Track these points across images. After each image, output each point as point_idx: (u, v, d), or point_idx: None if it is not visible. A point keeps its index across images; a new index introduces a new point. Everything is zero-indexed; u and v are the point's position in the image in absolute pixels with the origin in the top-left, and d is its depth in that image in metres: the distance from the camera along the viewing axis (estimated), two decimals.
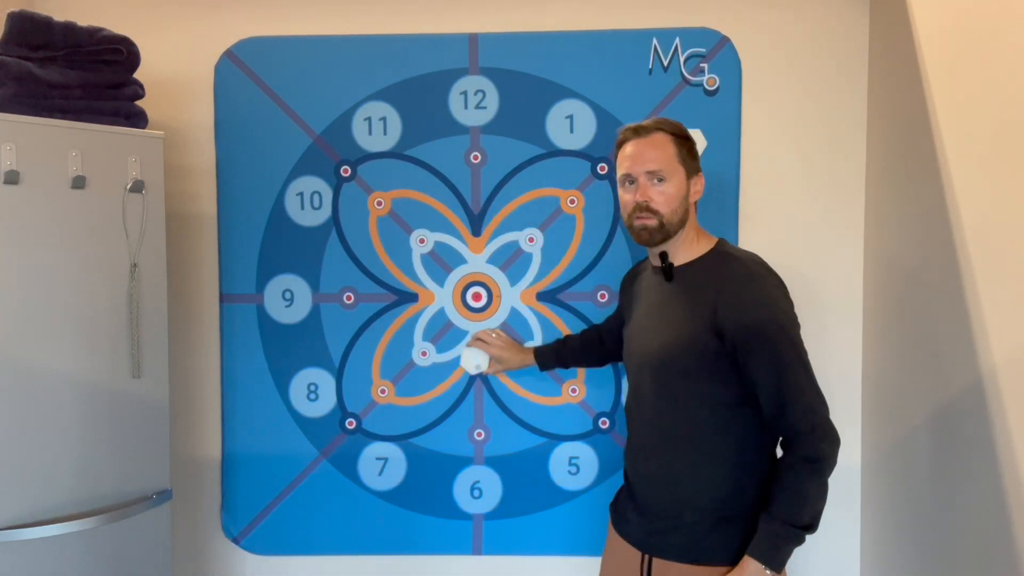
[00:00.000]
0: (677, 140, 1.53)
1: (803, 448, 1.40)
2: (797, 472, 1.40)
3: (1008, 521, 1.41)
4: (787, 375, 1.40)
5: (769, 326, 1.40)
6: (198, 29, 2.19)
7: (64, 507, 1.76)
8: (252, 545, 2.27)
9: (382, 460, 2.23)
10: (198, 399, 2.26)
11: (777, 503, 1.41)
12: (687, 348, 1.46)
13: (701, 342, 1.44)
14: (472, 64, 2.16)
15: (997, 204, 1.45)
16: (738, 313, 1.41)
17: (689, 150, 1.54)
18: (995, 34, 1.45)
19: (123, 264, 1.85)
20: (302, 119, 2.18)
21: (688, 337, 1.46)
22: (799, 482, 1.40)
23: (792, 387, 1.40)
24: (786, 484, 1.41)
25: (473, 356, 2.12)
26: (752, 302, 1.42)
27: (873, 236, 2.09)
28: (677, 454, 1.51)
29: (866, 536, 2.15)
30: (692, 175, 1.55)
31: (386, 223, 2.19)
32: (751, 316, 1.41)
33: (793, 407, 1.40)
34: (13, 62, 1.72)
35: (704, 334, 1.44)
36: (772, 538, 1.40)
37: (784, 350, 1.40)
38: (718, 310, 1.43)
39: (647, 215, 1.50)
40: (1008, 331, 1.42)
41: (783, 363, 1.40)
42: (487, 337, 2.12)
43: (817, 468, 1.40)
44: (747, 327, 1.40)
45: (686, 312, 1.48)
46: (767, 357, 1.40)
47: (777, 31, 2.11)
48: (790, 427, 1.41)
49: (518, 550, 2.24)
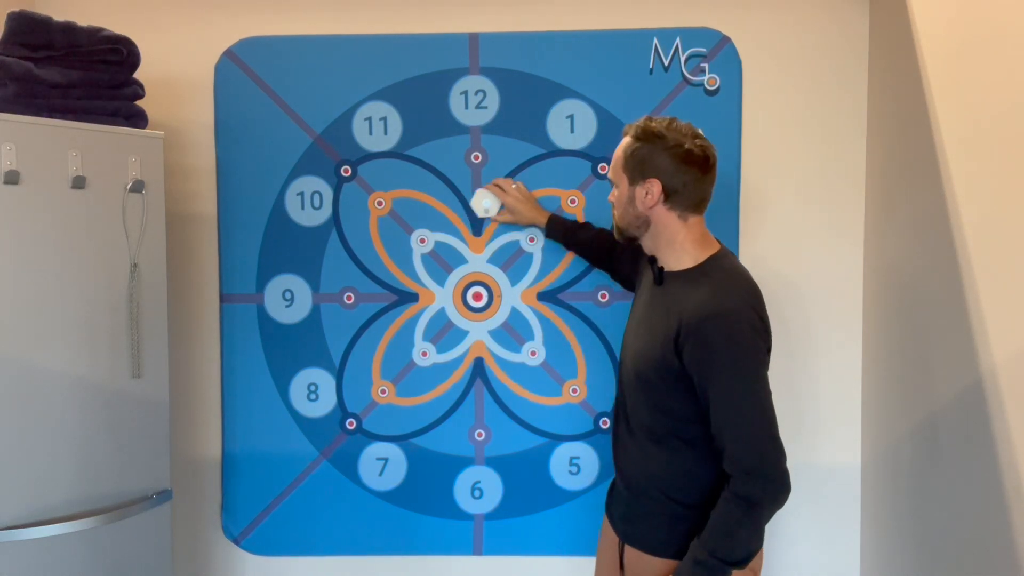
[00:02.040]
0: (631, 146, 1.49)
1: (741, 486, 1.36)
2: (732, 508, 1.37)
3: (1008, 521, 1.41)
4: (737, 410, 1.37)
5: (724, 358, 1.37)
6: (198, 29, 2.19)
7: (64, 507, 1.76)
8: (252, 545, 2.27)
9: (382, 460, 2.23)
10: (198, 399, 2.26)
11: (709, 532, 1.39)
12: (654, 361, 1.47)
13: (665, 359, 1.44)
14: (472, 64, 2.15)
15: (997, 204, 1.45)
16: (694, 340, 1.38)
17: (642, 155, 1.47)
18: (995, 34, 1.45)
19: (123, 264, 1.85)
20: (302, 119, 2.18)
21: (656, 350, 1.46)
22: (732, 519, 1.37)
23: (738, 423, 1.36)
24: (720, 517, 1.38)
25: (484, 198, 2.10)
26: (709, 332, 1.37)
27: (873, 236, 2.09)
28: (642, 450, 1.55)
29: (866, 536, 2.16)
30: (638, 182, 1.48)
31: (387, 223, 2.19)
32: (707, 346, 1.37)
33: (738, 445, 1.36)
34: (13, 62, 1.72)
35: (668, 351, 1.43)
36: (697, 567, 1.39)
37: (736, 385, 1.37)
38: (680, 329, 1.40)
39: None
40: (1008, 332, 1.42)
41: (734, 398, 1.36)
42: (506, 185, 2.10)
43: (751, 509, 1.36)
44: (702, 356, 1.38)
45: (659, 323, 1.47)
46: (720, 389, 1.37)
47: (778, 31, 2.11)
48: (732, 462, 1.38)
49: (518, 550, 2.24)
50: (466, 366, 2.21)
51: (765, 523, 1.38)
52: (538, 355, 2.19)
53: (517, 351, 2.20)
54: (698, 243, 1.51)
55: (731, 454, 1.37)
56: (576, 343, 2.19)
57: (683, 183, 1.46)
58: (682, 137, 1.47)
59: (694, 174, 1.47)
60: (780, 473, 1.36)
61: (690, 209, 1.49)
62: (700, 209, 1.51)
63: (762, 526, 1.38)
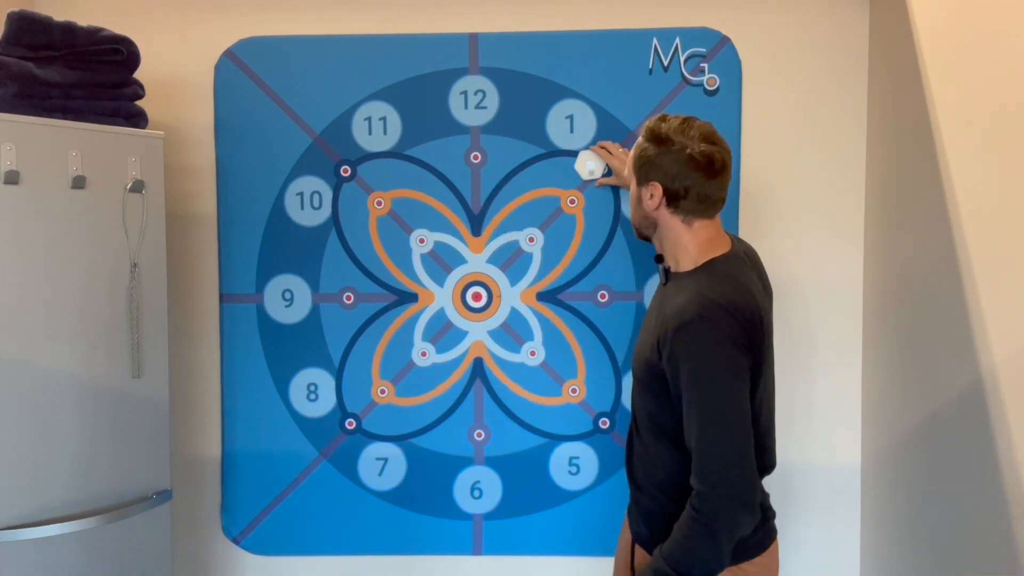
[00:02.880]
0: (640, 147, 1.48)
1: (702, 500, 1.32)
2: (691, 522, 1.34)
3: (1008, 521, 1.41)
4: (699, 419, 1.33)
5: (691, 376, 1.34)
6: (198, 29, 2.19)
7: (64, 507, 1.76)
8: (252, 545, 2.27)
9: (382, 460, 2.23)
10: (198, 399, 2.26)
11: (670, 542, 1.37)
12: (645, 363, 1.47)
13: (652, 362, 1.43)
14: (472, 64, 2.16)
15: (997, 204, 1.45)
16: (667, 344, 1.37)
17: (647, 157, 1.46)
18: (995, 34, 1.45)
19: (123, 264, 1.85)
20: (302, 119, 2.18)
21: (646, 353, 1.46)
22: (690, 532, 1.33)
23: (701, 436, 1.33)
24: (680, 528, 1.36)
25: (589, 160, 2.11)
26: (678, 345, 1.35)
27: (873, 236, 2.09)
28: (644, 447, 1.55)
29: (866, 536, 2.15)
30: (643, 183, 1.48)
31: (386, 223, 2.19)
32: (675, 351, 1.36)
33: (701, 459, 1.33)
34: (13, 62, 1.72)
35: (654, 354, 1.42)
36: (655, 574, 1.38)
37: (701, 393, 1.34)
38: (660, 338, 1.40)
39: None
40: (1008, 331, 1.42)
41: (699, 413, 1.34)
42: (613, 148, 2.08)
43: (707, 526, 1.31)
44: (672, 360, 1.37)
45: (652, 326, 1.47)
46: (689, 402, 1.35)
47: (777, 31, 2.11)
48: (695, 475, 1.34)
49: (518, 550, 2.24)
50: (465, 366, 2.21)
51: (725, 543, 1.31)
52: (538, 355, 2.20)
53: (516, 351, 2.20)
54: (702, 247, 1.47)
55: (695, 467, 1.34)
56: (576, 343, 2.19)
57: (685, 188, 1.43)
58: (688, 141, 1.42)
59: (697, 179, 1.42)
60: (737, 495, 1.30)
61: (695, 213, 1.45)
62: (707, 214, 1.46)
63: (721, 545, 1.31)
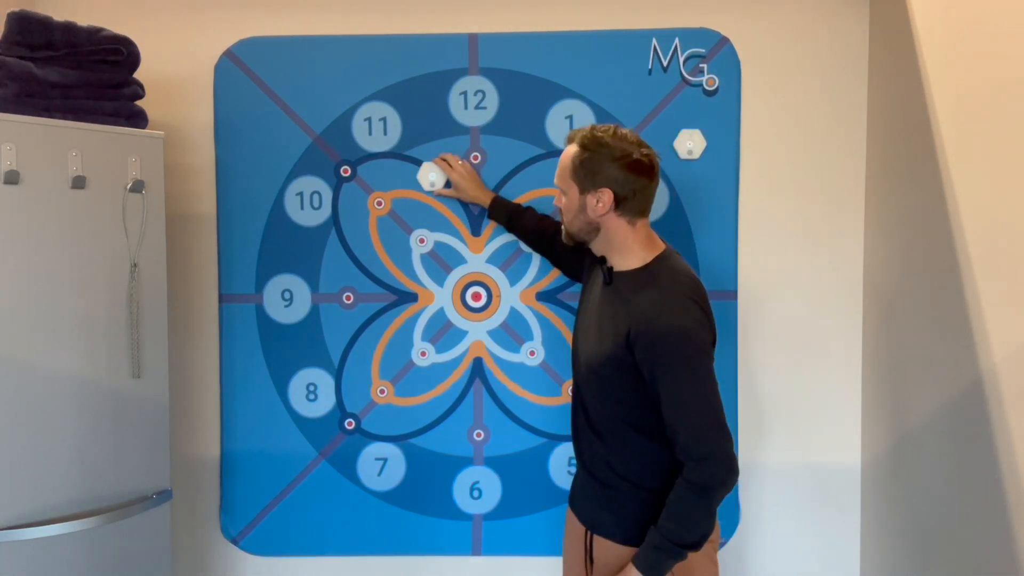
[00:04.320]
0: (580, 155, 1.52)
1: (693, 473, 1.43)
2: (686, 495, 1.44)
3: (1008, 521, 1.41)
4: (686, 402, 1.43)
5: (672, 357, 1.43)
6: (198, 29, 2.19)
7: (64, 507, 1.76)
8: (251, 545, 2.27)
9: (381, 460, 2.23)
10: (198, 399, 2.26)
11: (665, 519, 1.45)
12: (607, 357, 1.52)
13: (618, 355, 1.49)
14: (472, 64, 2.16)
15: (997, 204, 1.45)
16: (646, 338, 1.44)
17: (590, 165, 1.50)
18: (995, 34, 1.45)
19: (123, 264, 1.86)
20: (302, 119, 2.18)
21: (608, 347, 1.52)
22: (686, 505, 1.44)
23: (687, 414, 1.43)
24: (675, 504, 1.45)
25: (431, 172, 2.14)
26: (658, 329, 1.44)
27: (872, 236, 2.09)
28: (602, 441, 1.60)
29: (866, 536, 2.15)
30: (588, 191, 1.52)
31: (386, 223, 2.19)
32: (657, 344, 1.44)
33: (688, 432, 1.43)
34: (13, 62, 1.72)
35: (620, 348, 1.49)
36: (655, 551, 1.46)
37: (684, 378, 1.43)
38: (631, 327, 1.46)
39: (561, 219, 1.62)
40: (1007, 331, 1.42)
41: (683, 390, 1.43)
42: (452, 161, 2.12)
43: (704, 494, 1.43)
44: (653, 352, 1.44)
45: (610, 322, 1.53)
46: (669, 382, 1.43)
47: (777, 31, 2.11)
48: (683, 450, 1.44)
49: (518, 550, 2.24)
50: (465, 366, 2.21)
51: (717, 506, 1.45)
52: (537, 355, 2.20)
53: (516, 351, 2.20)
54: (644, 244, 1.56)
55: (683, 444, 1.43)
56: None
57: (632, 191, 1.51)
58: (630, 146, 1.51)
59: (643, 183, 1.52)
60: (728, 459, 1.43)
61: (638, 214, 1.54)
62: (646, 213, 1.56)
63: (714, 509, 1.45)
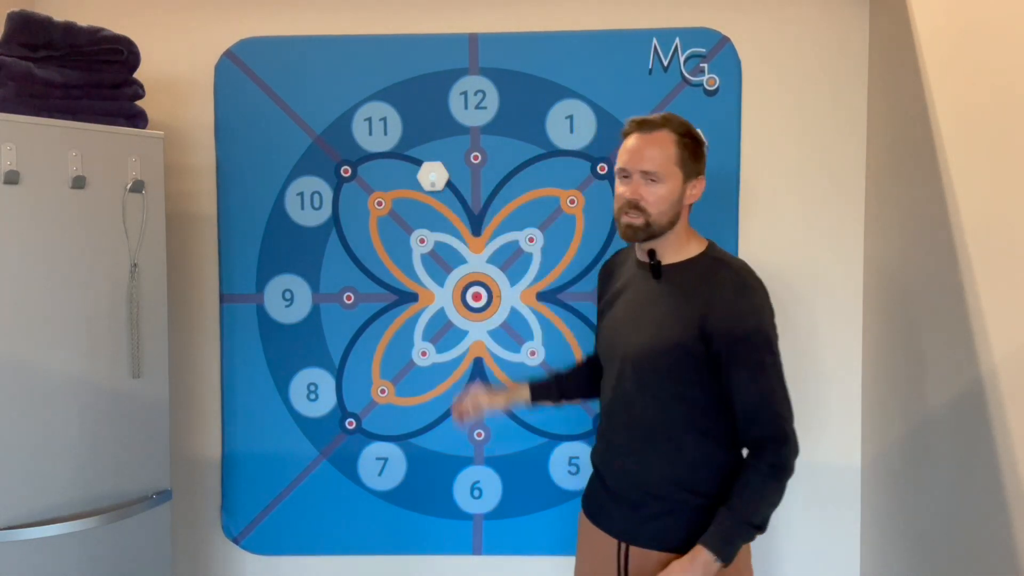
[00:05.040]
0: (681, 141, 1.49)
1: (771, 455, 1.45)
2: (763, 476, 1.45)
3: (1008, 521, 1.41)
4: (767, 385, 1.45)
5: (757, 337, 1.45)
6: (198, 29, 2.19)
7: (64, 507, 1.76)
8: (252, 545, 2.27)
9: (382, 460, 2.23)
10: (198, 399, 2.26)
11: (739, 500, 1.45)
12: (671, 349, 1.47)
13: (686, 345, 1.46)
14: (472, 64, 2.16)
15: (996, 203, 1.45)
16: (729, 322, 1.44)
17: (693, 152, 1.50)
18: (995, 34, 1.45)
19: (123, 264, 1.85)
20: (302, 119, 2.18)
21: (674, 338, 1.47)
22: (763, 485, 1.45)
23: (769, 397, 1.45)
24: (750, 485, 1.45)
25: (431, 171, 2.13)
26: (743, 312, 1.45)
27: (873, 236, 2.09)
28: (652, 447, 1.54)
29: (866, 536, 2.15)
30: (691, 178, 1.51)
31: (386, 223, 2.19)
32: (741, 326, 1.44)
33: (767, 415, 1.45)
34: (13, 62, 1.72)
35: (690, 338, 1.46)
36: (728, 532, 1.44)
37: (767, 361, 1.45)
38: (709, 317, 1.44)
39: (635, 213, 1.50)
40: (1007, 331, 1.42)
41: (765, 374, 1.45)
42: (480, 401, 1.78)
43: (781, 475, 1.45)
44: (736, 336, 1.43)
45: (673, 313, 1.49)
46: (751, 366, 1.44)
47: (777, 31, 2.11)
48: (761, 433, 1.45)
49: (518, 550, 2.24)
50: (465, 366, 2.21)
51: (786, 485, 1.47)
52: (537, 355, 2.20)
53: (516, 351, 2.20)
54: (691, 235, 1.57)
55: (764, 427, 1.45)
56: (575, 343, 2.19)
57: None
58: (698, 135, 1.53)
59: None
60: (796, 438, 1.47)
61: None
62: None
63: (785, 489, 1.47)
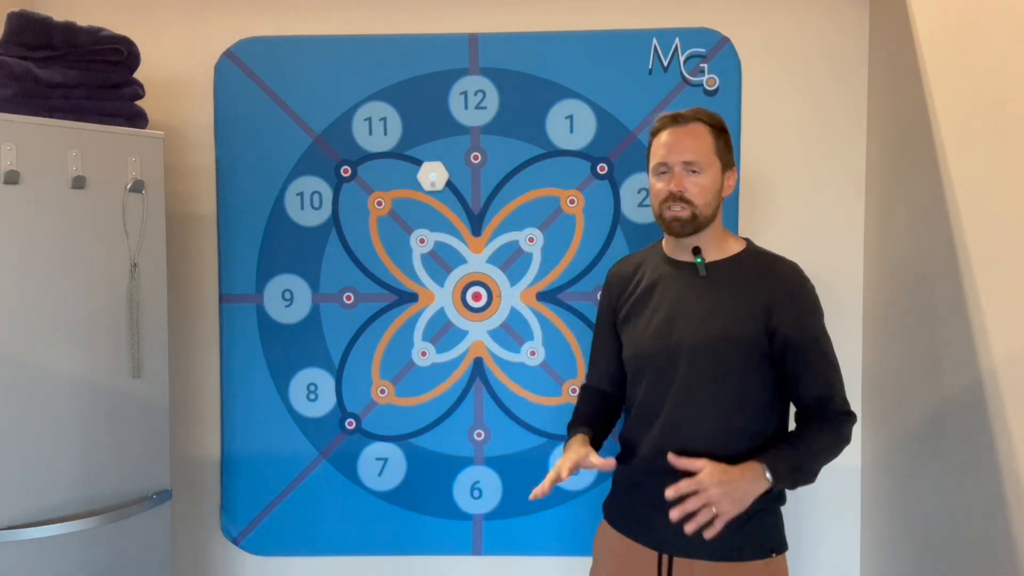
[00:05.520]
0: (715, 132, 1.51)
1: (846, 427, 1.50)
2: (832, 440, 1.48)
3: (1008, 521, 1.41)
4: (832, 366, 1.52)
5: (821, 330, 1.52)
6: (198, 29, 2.19)
7: (64, 507, 1.76)
8: (252, 545, 2.27)
9: (382, 460, 2.23)
10: (198, 399, 2.26)
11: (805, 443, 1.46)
12: (735, 343, 1.47)
13: (751, 340, 1.48)
14: (472, 64, 2.16)
15: (997, 203, 1.45)
16: (797, 318, 1.49)
17: (726, 143, 1.53)
18: (995, 34, 1.45)
19: (123, 264, 1.85)
20: (302, 119, 2.18)
21: (737, 333, 1.47)
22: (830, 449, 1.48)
23: (836, 372, 1.52)
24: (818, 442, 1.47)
25: (431, 171, 2.12)
26: (809, 306, 1.52)
27: (873, 236, 2.09)
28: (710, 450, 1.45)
29: (866, 536, 2.15)
30: (727, 169, 1.53)
31: (386, 223, 2.19)
32: (808, 321, 1.50)
33: (838, 389, 1.52)
34: (13, 62, 1.72)
35: (755, 333, 1.48)
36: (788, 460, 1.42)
37: (829, 344, 1.53)
38: (773, 312, 1.48)
39: (681, 205, 1.48)
40: (1008, 331, 1.42)
41: (829, 356, 1.52)
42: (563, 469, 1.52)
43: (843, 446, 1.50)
44: (804, 331, 1.49)
45: (733, 308, 1.49)
46: (819, 357, 1.50)
47: (777, 31, 2.11)
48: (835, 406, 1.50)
49: (518, 550, 2.24)
50: (465, 366, 2.21)
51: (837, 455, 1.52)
52: (537, 355, 2.20)
53: (516, 351, 2.20)
54: (727, 231, 1.60)
55: (835, 400, 1.50)
56: (575, 343, 2.19)
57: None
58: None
59: None
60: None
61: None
62: None
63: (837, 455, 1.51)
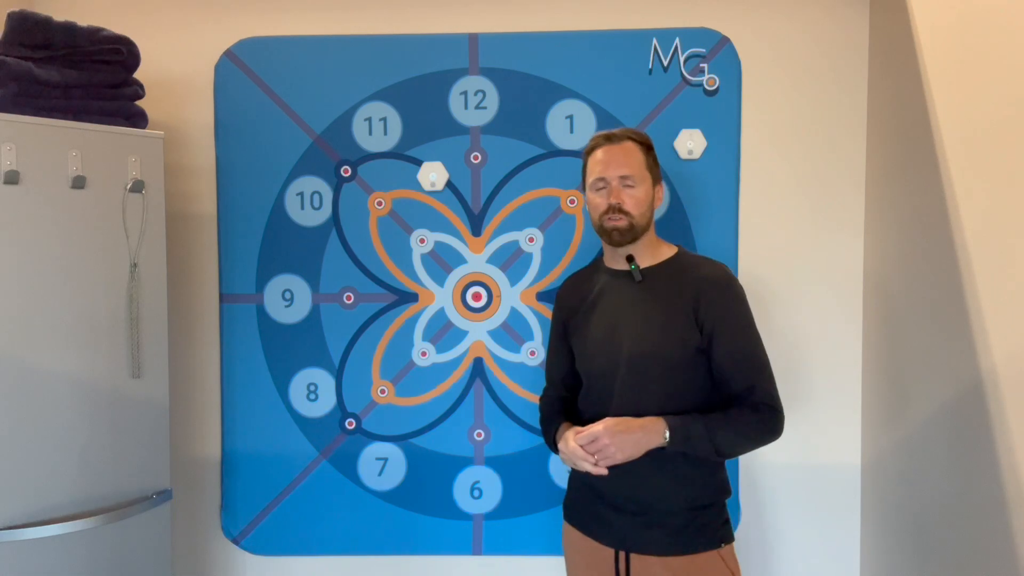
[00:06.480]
0: (644, 149, 1.65)
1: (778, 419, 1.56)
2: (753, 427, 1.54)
3: (1008, 521, 1.41)
4: (759, 359, 1.60)
5: (748, 323, 1.61)
6: (198, 29, 2.19)
7: (64, 507, 1.76)
8: (252, 545, 2.27)
9: (382, 460, 2.23)
10: (198, 399, 2.26)
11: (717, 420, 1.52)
12: (671, 341, 1.58)
13: (684, 337, 1.57)
14: (472, 64, 2.16)
15: (996, 204, 1.45)
16: (719, 308, 1.58)
17: (654, 159, 1.67)
18: (995, 34, 1.45)
19: (123, 264, 1.85)
20: (302, 119, 2.18)
21: (672, 331, 1.58)
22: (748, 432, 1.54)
23: (762, 364, 1.59)
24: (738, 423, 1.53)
25: (431, 172, 2.13)
26: (733, 301, 1.60)
27: (873, 236, 2.09)
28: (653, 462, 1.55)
29: (866, 536, 2.16)
30: (656, 183, 1.67)
31: (386, 223, 2.19)
32: (731, 310, 1.59)
33: (766, 381, 1.58)
34: (13, 62, 1.72)
35: (686, 328, 1.58)
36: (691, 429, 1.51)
37: (751, 330, 1.61)
38: (701, 305, 1.58)
39: (618, 216, 1.60)
40: (1007, 331, 1.42)
41: (757, 349, 1.60)
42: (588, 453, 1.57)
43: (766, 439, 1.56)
44: (729, 323, 1.58)
45: (665, 309, 1.60)
46: (742, 342, 1.58)
47: (777, 31, 2.11)
48: (764, 397, 1.56)
49: (518, 550, 2.24)
50: (465, 366, 2.21)
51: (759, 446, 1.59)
52: (537, 355, 2.20)
53: (516, 351, 2.20)
54: (660, 240, 1.71)
55: (762, 391, 1.56)
56: None
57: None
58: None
59: None
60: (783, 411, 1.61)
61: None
62: None
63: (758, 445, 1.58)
